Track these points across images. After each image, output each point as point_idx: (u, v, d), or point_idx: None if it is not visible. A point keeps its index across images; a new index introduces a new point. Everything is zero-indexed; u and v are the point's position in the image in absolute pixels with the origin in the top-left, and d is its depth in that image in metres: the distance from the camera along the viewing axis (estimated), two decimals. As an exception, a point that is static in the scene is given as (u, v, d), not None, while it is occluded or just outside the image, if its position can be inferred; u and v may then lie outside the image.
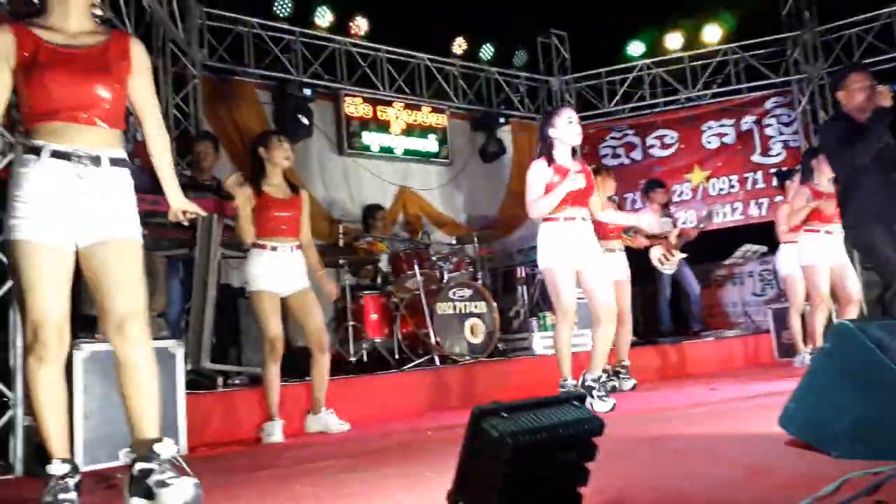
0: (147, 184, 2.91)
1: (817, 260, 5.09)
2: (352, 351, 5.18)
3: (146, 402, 2.10)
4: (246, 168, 6.33)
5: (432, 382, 4.79)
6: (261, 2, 7.44)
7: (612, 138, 9.29)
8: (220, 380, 4.21)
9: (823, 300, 5.13)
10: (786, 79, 8.87)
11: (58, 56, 2.10)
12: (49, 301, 2.05)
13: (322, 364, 3.80)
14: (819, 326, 5.14)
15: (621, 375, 5.06)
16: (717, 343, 6.92)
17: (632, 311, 5.28)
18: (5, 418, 3.06)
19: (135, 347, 2.09)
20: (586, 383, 3.83)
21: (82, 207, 2.10)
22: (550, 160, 3.85)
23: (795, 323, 5.77)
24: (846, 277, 5.01)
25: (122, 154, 2.20)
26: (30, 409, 2.27)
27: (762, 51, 9.01)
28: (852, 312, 4.96)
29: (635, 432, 3.03)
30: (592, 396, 3.76)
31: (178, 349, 3.44)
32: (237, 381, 4.38)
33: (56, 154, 2.08)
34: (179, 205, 2.37)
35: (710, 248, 7.89)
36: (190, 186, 4.81)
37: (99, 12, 2.35)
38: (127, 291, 2.11)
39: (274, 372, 3.73)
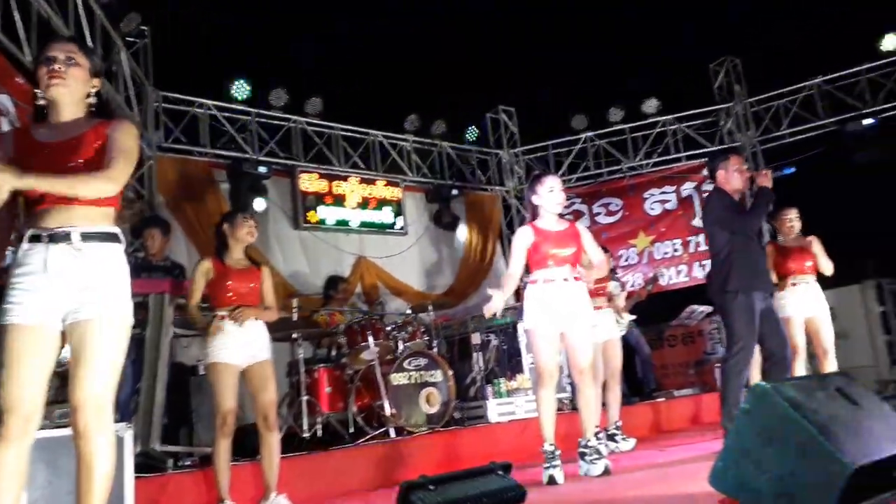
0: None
1: (794, 312, 5.18)
2: (306, 426, 5.15)
3: (95, 496, 2.06)
4: (202, 245, 6.43)
5: (388, 455, 4.78)
6: (218, 85, 7.69)
7: (561, 207, 9.62)
8: (170, 461, 4.15)
9: (799, 352, 5.18)
10: (722, 147, 9.39)
11: (39, 148, 2.21)
12: (22, 388, 2.04)
13: (271, 444, 3.69)
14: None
15: (618, 437, 5.09)
16: (669, 403, 7.06)
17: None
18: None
19: (91, 437, 2.06)
20: (579, 449, 3.83)
21: (59, 287, 2.13)
22: (535, 225, 3.94)
23: (755, 377, 5.91)
24: (821, 329, 5.14)
25: (101, 229, 2.20)
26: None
27: (698, 121, 9.57)
28: (830, 364, 5.10)
29: (580, 497, 3.11)
30: (585, 461, 3.76)
31: (126, 432, 3.42)
32: (188, 462, 4.33)
33: (32, 238, 2.16)
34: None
35: (658, 311, 8.15)
36: (143, 268, 4.88)
37: (92, 100, 2.40)
38: (87, 376, 2.09)
39: (225, 448, 3.64)
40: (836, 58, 8.88)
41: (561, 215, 4.05)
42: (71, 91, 2.28)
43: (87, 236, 2.18)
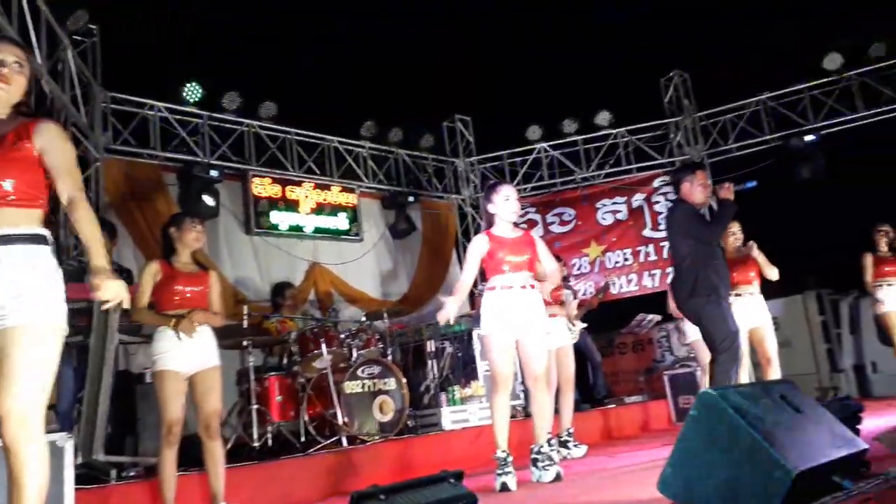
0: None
1: (739, 323, 5.37)
2: (256, 435, 5.06)
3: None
4: (150, 250, 6.27)
5: (339, 464, 4.73)
6: (169, 86, 7.53)
7: (516, 216, 9.73)
8: (113, 472, 4.02)
9: (743, 361, 5.39)
10: (671, 159, 9.64)
11: None
12: None
13: (214, 452, 3.61)
14: None
15: (570, 443, 5.14)
16: (619, 410, 7.18)
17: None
18: None
19: (18, 450, 2.00)
20: (531, 455, 3.85)
21: None
22: (490, 233, 3.98)
23: (705, 385, 6.07)
24: (765, 339, 5.30)
25: (25, 231, 2.14)
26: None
27: (648, 134, 9.79)
28: (773, 372, 5.26)
29: (532, 503, 3.13)
30: (537, 467, 3.78)
31: (66, 442, 3.30)
32: (132, 473, 4.20)
33: None
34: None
35: (609, 319, 8.29)
36: (87, 272, 4.72)
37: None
38: (10, 386, 2.03)
39: (170, 458, 3.55)
40: (782, 75, 9.21)
41: (516, 224, 4.10)
42: (10, 96, 2.26)
43: (8, 239, 2.11)
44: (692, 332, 5.99)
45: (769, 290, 5.65)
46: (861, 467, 2.58)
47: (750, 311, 5.27)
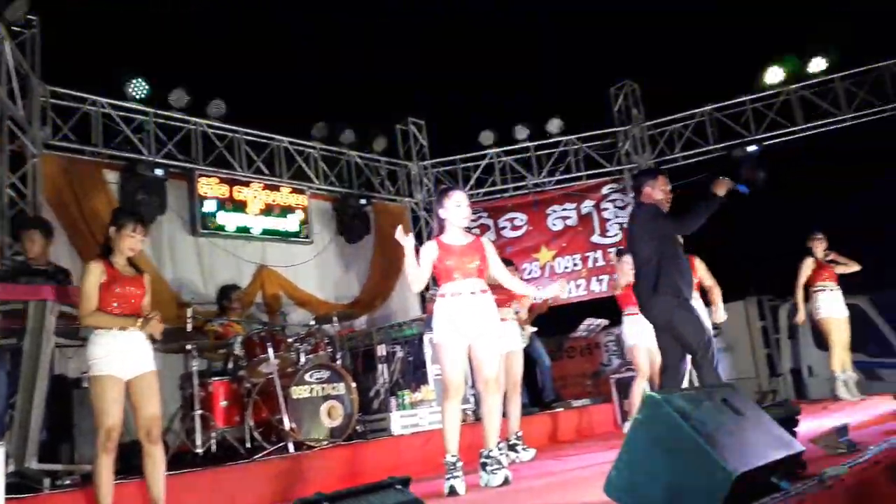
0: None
1: (638, 340, 5.73)
2: (199, 442, 4.93)
3: None
4: (88, 250, 6.06)
5: (286, 471, 4.64)
6: (115, 82, 7.30)
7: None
8: (47, 481, 3.86)
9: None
10: (619, 167, 9.84)
11: None
12: None
13: (155, 457, 3.55)
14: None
15: (518, 447, 5.15)
16: (567, 413, 7.26)
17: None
18: None
19: None
20: (480, 459, 3.84)
21: None
22: (440, 240, 3.97)
23: (638, 391, 6.19)
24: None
25: None
26: None
27: (598, 142, 9.97)
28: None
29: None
30: (486, 471, 3.78)
31: (-4, 450, 3.16)
32: (67, 482, 4.04)
33: None
34: None
35: (558, 323, 8.39)
36: (22, 272, 4.54)
37: None
38: None
39: (107, 466, 3.44)
40: (727, 87, 9.50)
41: (468, 229, 4.11)
42: None
43: None
44: (629, 337, 6.08)
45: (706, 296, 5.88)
46: (798, 468, 2.66)
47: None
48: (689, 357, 4.47)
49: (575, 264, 9.64)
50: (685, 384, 4.52)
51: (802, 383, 8.89)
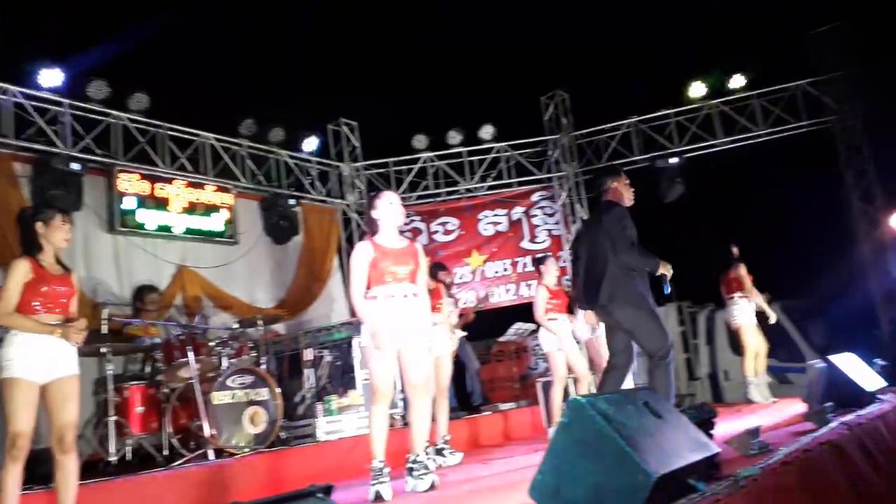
0: None
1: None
2: (113, 449, 4.71)
3: None
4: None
5: (205, 479, 4.48)
6: (27, 69, 6.90)
7: (400, 223, 9.76)
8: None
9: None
10: (548, 175, 10.04)
11: None
12: None
13: (67, 468, 3.37)
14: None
15: (445, 451, 5.12)
16: (494, 416, 7.31)
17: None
18: None
19: None
20: (407, 464, 3.80)
21: None
22: (374, 241, 3.91)
23: (558, 396, 6.29)
24: (581, 356, 5.91)
25: None
26: None
27: (529, 150, 10.13)
28: (584, 387, 5.81)
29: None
30: (412, 476, 3.74)
31: None
32: (-35, 494, 3.78)
33: None
34: None
35: (488, 327, 8.45)
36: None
37: None
38: None
39: (14, 474, 3.25)
40: (652, 100, 9.83)
41: (401, 232, 4.08)
42: None
43: None
44: (545, 343, 6.18)
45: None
46: (713, 469, 2.74)
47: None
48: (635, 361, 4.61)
49: (505, 269, 9.76)
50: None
51: (719, 387, 9.26)
